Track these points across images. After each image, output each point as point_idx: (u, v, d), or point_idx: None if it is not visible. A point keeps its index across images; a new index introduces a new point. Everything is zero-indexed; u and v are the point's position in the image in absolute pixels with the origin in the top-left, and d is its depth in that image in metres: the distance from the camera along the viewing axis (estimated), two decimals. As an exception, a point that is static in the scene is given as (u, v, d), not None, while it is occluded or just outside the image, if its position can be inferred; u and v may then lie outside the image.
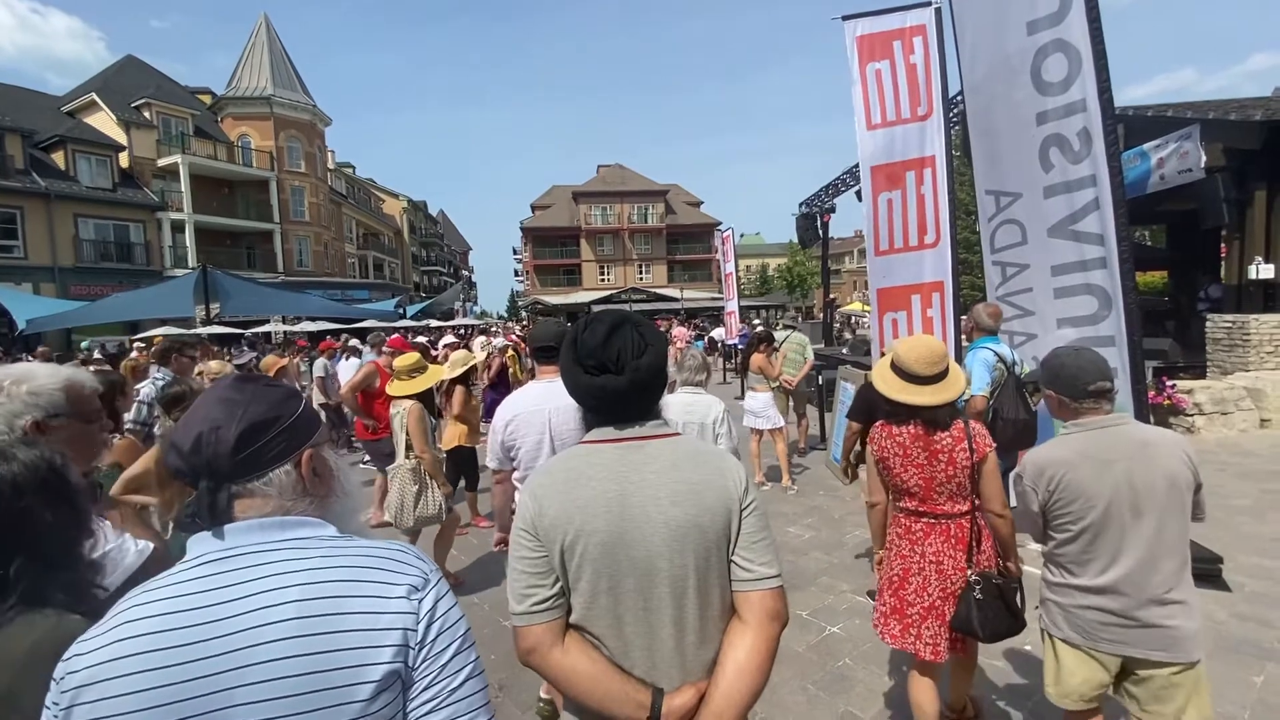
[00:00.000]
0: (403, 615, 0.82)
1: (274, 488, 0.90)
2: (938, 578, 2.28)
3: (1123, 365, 3.69)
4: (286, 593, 0.80)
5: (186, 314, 15.54)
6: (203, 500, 0.86)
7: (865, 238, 5.76)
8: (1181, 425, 7.71)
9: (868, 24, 5.16)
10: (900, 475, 2.33)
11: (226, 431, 0.88)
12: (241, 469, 0.88)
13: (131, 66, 29.05)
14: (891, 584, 2.39)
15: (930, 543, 2.31)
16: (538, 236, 49.84)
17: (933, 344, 2.29)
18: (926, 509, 2.32)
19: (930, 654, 2.28)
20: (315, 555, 0.84)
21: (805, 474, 6.86)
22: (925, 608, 2.29)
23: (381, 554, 0.87)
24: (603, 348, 1.21)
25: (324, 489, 0.97)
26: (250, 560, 0.83)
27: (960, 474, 2.25)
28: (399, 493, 4.03)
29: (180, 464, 0.88)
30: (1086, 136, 3.72)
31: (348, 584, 0.82)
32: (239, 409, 0.90)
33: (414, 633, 0.82)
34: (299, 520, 0.89)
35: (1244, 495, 5.50)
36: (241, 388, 0.94)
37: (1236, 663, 3.09)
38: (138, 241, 24.28)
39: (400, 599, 0.83)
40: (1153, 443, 1.96)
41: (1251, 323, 8.39)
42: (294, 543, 0.86)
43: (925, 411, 2.26)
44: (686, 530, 1.16)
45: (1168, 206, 10.76)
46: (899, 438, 2.32)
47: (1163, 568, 1.90)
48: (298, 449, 0.94)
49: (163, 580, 0.84)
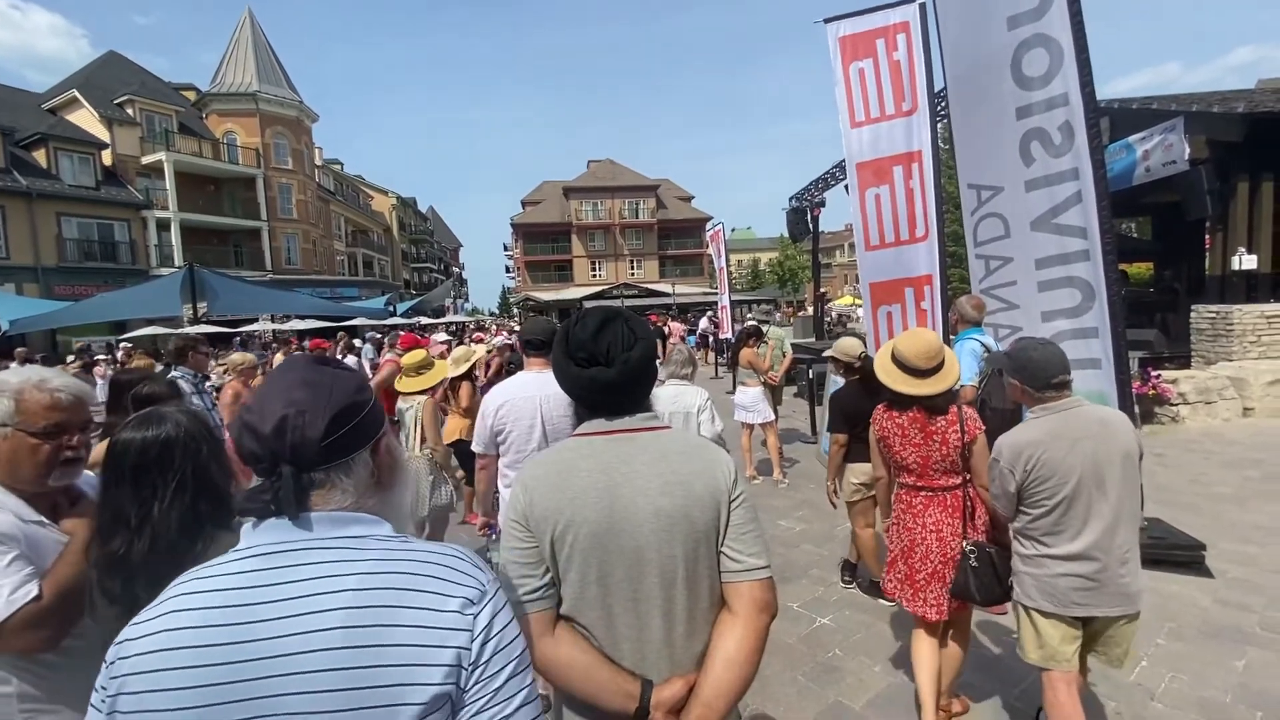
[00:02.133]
0: (457, 632, 0.77)
1: (353, 478, 0.87)
2: (938, 545, 2.50)
3: (1107, 356, 3.74)
4: (337, 597, 0.75)
5: (174, 313, 15.35)
6: (285, 487, 0.81)
7: (855, 233, 5.79)
8: (1167, 415, 7.81)
9: (850, 25, 5.19)
10: (900, 454, 2.57)
11: (315, 416, 0.83)
12: (328, 455, 0.84)
13: (114, 63, 28.62)
14: (903, 554, 2.62)
15: (930, 513, 2.54)
16: (528, 232, 49.64)
17: (930, 339, 2.51)
18: (924, 484, 2.55)
19: (935, 614, 2.51)
20: (369, 558, 0.80)
21: (796, 467, 6.90)
22: (929, 573, 2.51)
23: (438, 560, 0.82)
24: (593, 341, 1.23)
25: (392, 478, 0.94)
26: (303, 558, 0.79)
27: (953, 452, 2.47)
28: (415, 484, 4.10)
29: (257, 448, 0.82)
30: (1069, 130, 3.75)
31: (400, 592, 0.77)
32: (325, 392, 0.86)
33: (468, 652, 0.76)
34: (355, 516, 0.85)
35: (1227, 483, 5.59)
36: (322, 370, 0.90)
37: (1219, 648, 3.15)
38: (122, 240, 24.00)
39: (454, 613, 0.77)
40: (1109, 421, 2.22)
41: (1235, 313, 8.49)
42: (350, 541, 0.82)
43: (924, 400, 2.48)
44: (676, 521, 1.18)
45: (1153, 198, 10.87)
46: (899, 420, 2.57)
47: (1122, 532, 2.12)
48: (374, 436, 0.91)
49: (214, 569, 0.81)
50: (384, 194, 51.26)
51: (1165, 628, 3.33)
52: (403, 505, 0.97)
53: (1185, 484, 5.60)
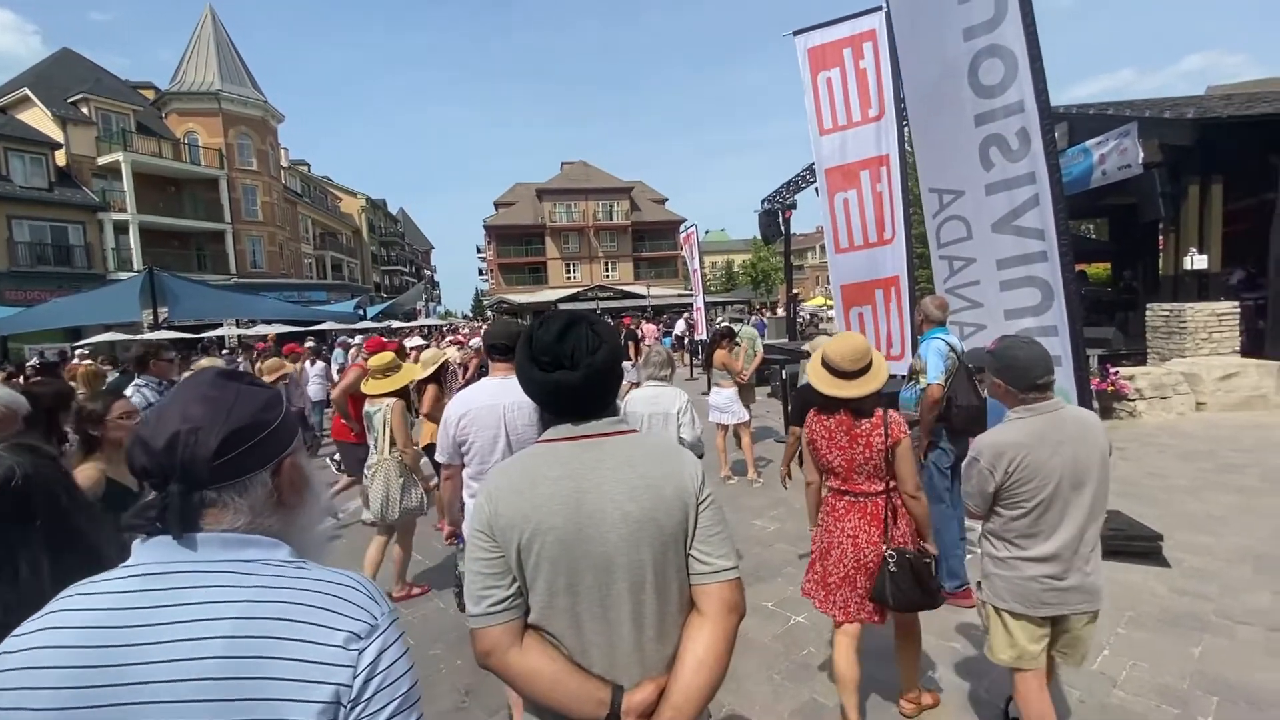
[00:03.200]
0: (339, 668, 0.74)
1: (248, 498, 0.84)
2: (853, 550, 2.52)
3: (1065, 353, 3.85)
4: (218, 625, 0.73)
5: (133, 318, 14.88)
6: (172, 505, 0.79)
7: (825, 237, 5.87)
8: (1125, 410, 8.08)
9: (818, 35, 5.29)
10: (826, 456, 2.58)
11: (208, 435, 0.81)
12: (219, 475, 0.82)
13: (68, 60, 27.59)
14: (820, 556, 2.66)
15: (849, 519, 2.55)
16: (501, 234, 49.27)
17: (857, 342, 2.53)
18: (848, 488, 2.56)
19: (842, 615, 2.55)
20: (257, 584, 0.78)
21: (770, 467, 6.96)
22: (841, 577, 2.54)
23: (328, 590, 0.80)
24: (557, 344, 1.21)
25: (297, 498, 0.91)
26: (187, 580, 0.77)
27: (876, 456, 2.48)
28: (384, 486, 4.08)
29: (147, 462, 0.81)
30: (1025, 136, 3.86)
31: (283, 623, 0.75)
32: (224, 410, 0.83)
33: (348, 689, 0.74)
34: (250, 539, 0.82)
35: (1182, 475, 5.80)
36: (225, 385, 0.87)
37: (1176, 635, 3.26)
38: (77, 244, 23.18)
39: (338, 648, 0.75)
40: (1088, 422, 2.22)
41: (1187, 311, 8.82)
42: (238, 565, 0.79)
43: (851, 401, 2.50)
44: (643, 525, 1.17)
45: (1110, 200, 11.24)
46: (827, 423, 2.58)
47: (1090, 532, 2.16)
48: (278, 456, 0.89)
49: (97, 585, 0.78)
50: (353, 195, 50.36)
51: (1125, 616, 3.44)
52: (310, 526, 0.94)
53: (1143, 476, 5.80)
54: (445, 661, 3.42)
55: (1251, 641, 3.16)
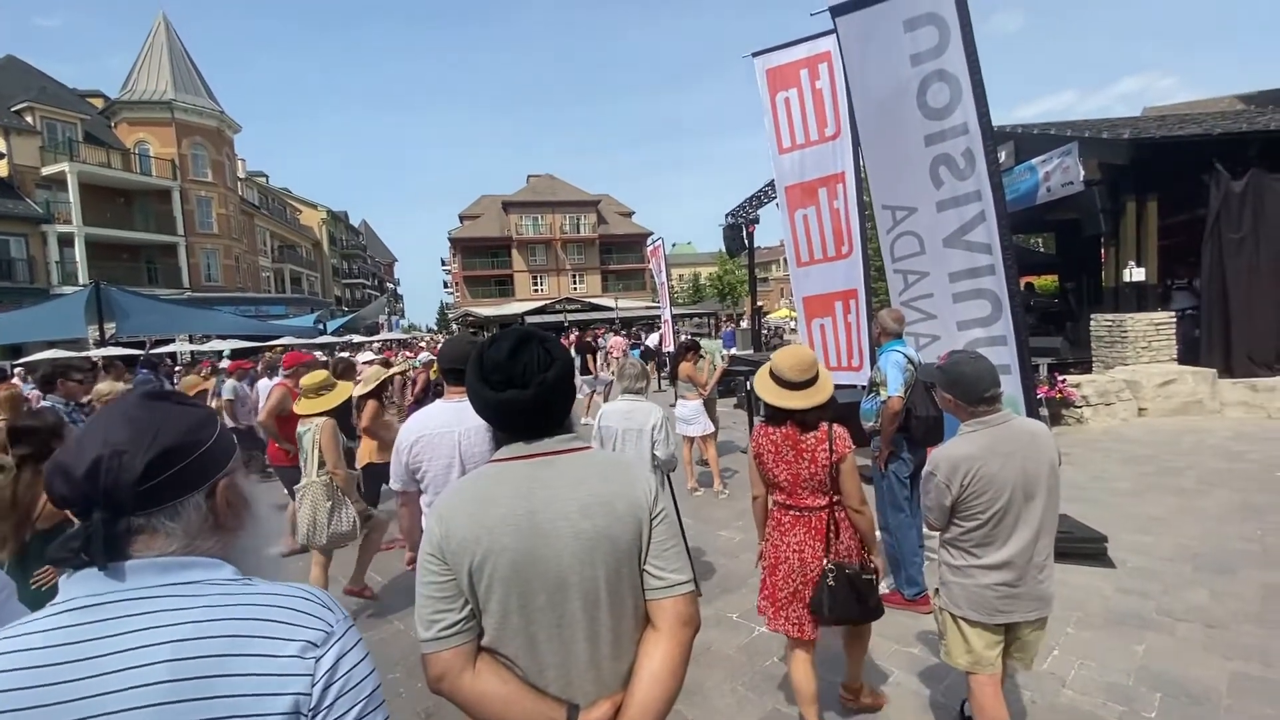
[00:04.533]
0: (295, 678, 0.73)
1: (180, 522, 0.81)
2: (800, 565, 2.53)
3: (1014, 361, 4.01)
4: (159, 650, 0.71)
5: (78, 334, 14.26)
6: (95, 534, 0.75)
7: (786, 250, 6.00)
8: (1072, 416, 8.40)
9: (776, 57, 5.45)
10: (772, 470, 2.57)
11: (133, 459, 0.77)
12: (146, 500, 0.78)
13: (11, 67, 26.47)
14: (768, 571, 2.64)
15: (795, 533, 2.56)
16: (467, 247, 48.79)
17: (804, 353, 2.57)
18: (793, 502, 2.56)
19: (796, 632, 2.54)
20: (200, 604, 0.75)
21: (736, 478, 7.01)
22: (790, 593, 2.54)
23: (278, 602, 0.78)
24: (508, 362, 1.20)
25: (236, 521, 0.88)
26: (123, 609, 0.73)
27: (820, 471, 2.48)
28: (311, 510, 3.94)
29: (68, 491, 0.76)
30: (970, 156, 4.04)
31: (232, 639, 0.73)
32: (149, 432, 0.80)
33: (307, 697, 0.73)
34: (189, 561, 0.79)
35: (1125, 478, 6.05)
36: (151, 406, 0.84)
37: (1120, 633, 3.39)
38: (19, 257, 22.18)
39: (293, 658, 0.74)
40: (1037, 434, 2.29)
41: (1128, 321, 9.25)
42: (178, 588, 0.76)
43: (797, 414, 2.51)
44: (596, 542, 1.17)
45: (1055, 215, 11.74)
46: (773, 436, 2.57)
47: (1043, 540, 2.23)
48: (212, 478, 0.85)
49: (20, 629, 0.73)
50: (313, 208, 49.35)
51: (1073, 617, 3.56)
52: (253, 546, 0.92)
53: (1089, 480, 6.03)
54: (405, 685, 3.34)
55: (1190, 638, 3.31)
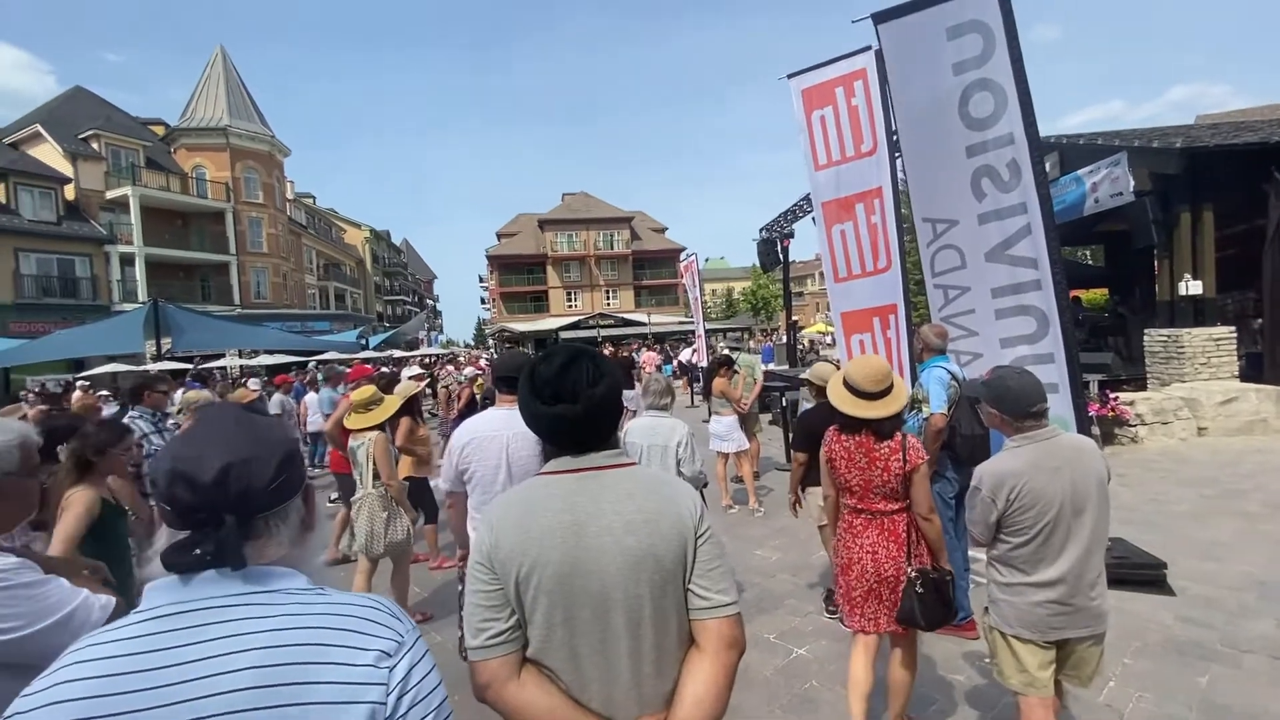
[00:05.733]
0: (371, 686, 0.75)
1: (287, 527, 0.87)
2: (874, 565, 2.58)
3: (1062, 380, 3.88)
4: (244, 657, 0.73)
5: (135, 350, 14.98)
6: (230, 538, 0.79)
7: (824, 266, 5.96)
8: (1126, 435, 8.06)
9: (811, 77, 5.45)
10: (844, 475, 2.66)
11: (264, 465, 0.83)
12: (272, 501, 0.84)
13: (80, 98, 28.27)
14: (841, 570, 2.71)
15: (868, 535, 2.63)
16: (503, 264, 49.72)
17: (879, 364, 2.61)
18: (864, 506, 2.64)
19: (872, 626, 2.61)
20: (281, 613, 0.78)
21: (771, 495, 6.93)
22: (865, 591, 2.61)
23: (353, 612, 0.81)
24: (558, 378, 1.24)
25: (313, 524, 0.94)
26: (210, 617, 0.76)
27: (893, 479, 2.55)
28: (368, 521, 4.06)
29: (193, 499, 0.79)
30: (1015, 167, 3.95)
31: (313, 648, 0.75)
32: (267, 440, 0.86)
33: (383, 706, 0.75)
34: (269, 570, 0.83)
35: (1184, 501, 5.77)
36: (253, 417, 0.89)
37: (1182, 665, 3.22)
38: (84, 276, 23.44)
39: (369, 667, 0.76)
40: (1083, 449, 2.26)
41: (1184, 336, 8.86)
42: (260, 596, 0.79)
43: (873, 423, 2.57)
44: (641, 559, 1.17)
45: (1104, 227, 11.38)
46: (846, 444, 2.65)
47: (1095, 556, 2.19)
48: (304, 481, 0.92)
49: (108, 634, 0.77)
50: (357, 227, 51.03)
51: (1131, 647, 3.40)
52: (314, 555, 0.98)
53: (1145, 502, 5.77)
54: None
55: (1257, 670, 3.13)
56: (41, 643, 1.21)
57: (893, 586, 2.55)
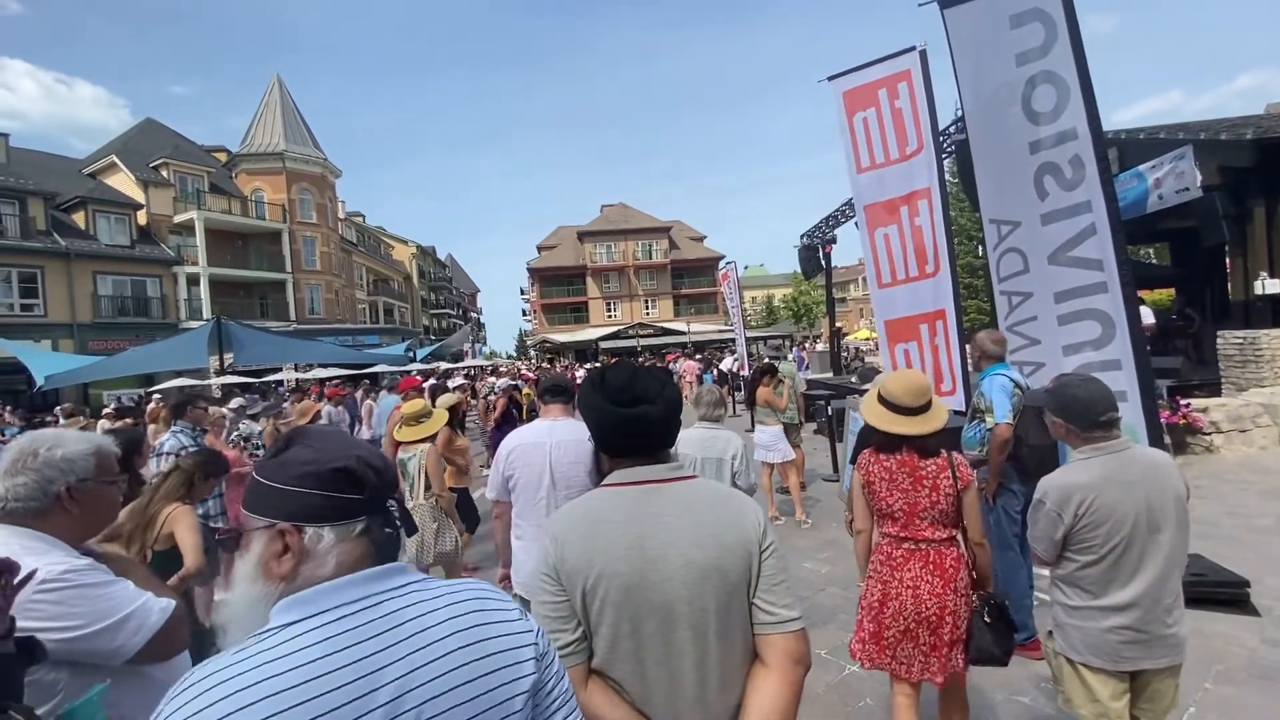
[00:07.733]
0: (528, 634, 0.91)
1: None
2: (913, 602, 2.33)
3: (1131, 387, 3.69)
4: (442, 627, 0.84)
5: (201, 364, 15.77)
6: (404, 514, 0.97)
7: (867, 271, 5.85)
8: (1200, 444, 7.61)
9: (853, 79, 5.37)
10: (886, 500, 2.41)
11: (389, 464, 0.99)
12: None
13: (150, 128, 30.19)
14: (870, 610, 2.46)
15: (909, 568, 2.37)
16: (544, 276, 50.52)
17: (918, 377, 2.44)
18: (908, 534, 2.39)
19: (905, 672, 2.36)
20: (435, 594, 0.89)
21: (818, 506, 6.80)
22: (901, 631, 2.36)
23: (478, 590, 0.94)
24: (633, 383, 1.30)
25: None
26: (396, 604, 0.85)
27: (944, 500, 2.33)
28: (419, 531, 4.13)
29: (379, 482, 0.93)
30: (1079, 163, 3.79)
31: (480, 613, 0.89)
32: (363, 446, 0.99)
33: (538, 645, 0.91)
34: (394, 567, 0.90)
35: (1267, 514, 5.40)
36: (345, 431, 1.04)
37: (1268, 689, 3.01)
38: (154, 295, 24.90)
39: (520, 619, 0.92)
40: (1159, 464, 2.11)
41: (1262, 338, 8.33)
42: (412, 585, 0.89)
43: (915, 440, 2.38)
44: (707, 573, 1.18)
45: (1169, 224, 10.81)
46: (886, 464, 2.42)
47: (1172, 579, 2.04)
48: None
49: (307, 633, 0.78)
50: (404, 243, 52.67)
51: (1213, 670, 3.19)
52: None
53: (1224, 516, 5.42)
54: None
55: (1359, 699, 2.90)
56: (96, 642, 1.27)
57: (932, 628, 2.30)
